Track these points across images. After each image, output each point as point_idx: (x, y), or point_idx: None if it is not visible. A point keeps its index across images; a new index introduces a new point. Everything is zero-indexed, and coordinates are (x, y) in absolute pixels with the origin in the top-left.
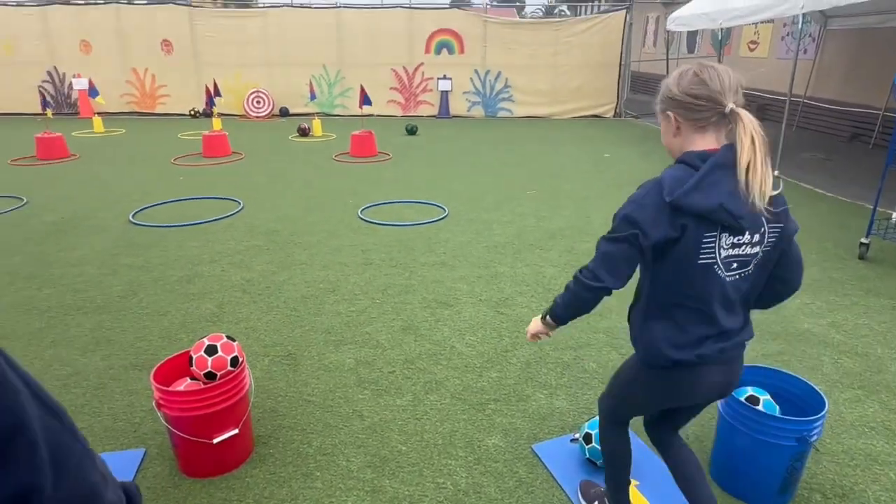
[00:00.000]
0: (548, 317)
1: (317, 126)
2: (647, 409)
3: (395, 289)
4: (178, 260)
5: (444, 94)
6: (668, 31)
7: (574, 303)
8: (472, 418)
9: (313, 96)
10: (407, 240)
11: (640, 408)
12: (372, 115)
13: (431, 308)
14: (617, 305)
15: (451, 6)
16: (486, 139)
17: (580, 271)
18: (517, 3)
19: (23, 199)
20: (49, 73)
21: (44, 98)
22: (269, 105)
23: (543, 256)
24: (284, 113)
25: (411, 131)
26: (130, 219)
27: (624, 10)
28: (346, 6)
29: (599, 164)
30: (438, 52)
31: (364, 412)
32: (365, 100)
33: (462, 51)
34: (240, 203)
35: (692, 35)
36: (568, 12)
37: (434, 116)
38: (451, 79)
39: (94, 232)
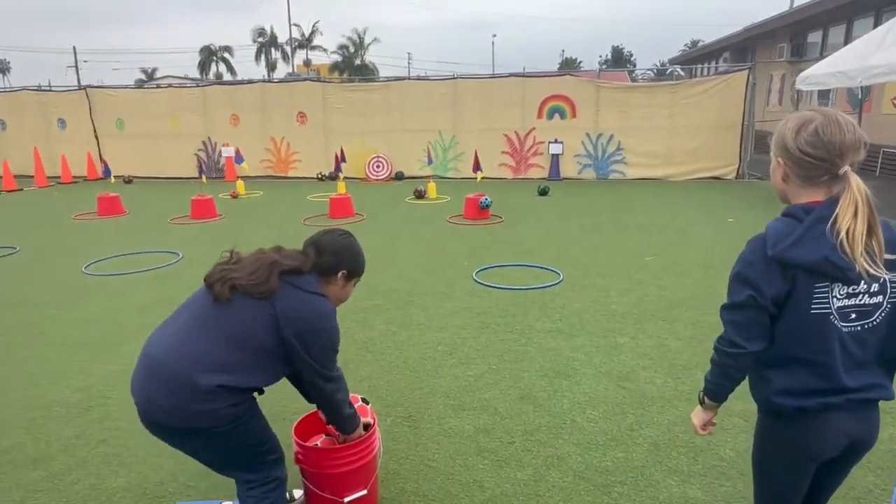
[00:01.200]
0: (704, 399)
1: (431, 189)
2: (789, 484)
3: (511, 355)
4: None
5: (555, 157)
6: (796, 90)
7: (722, 375)
8: (596, 501)
9: (430, 161)
10: (522, 304)
11: (784, 487)
12: (477, 178)
13: (549, 378)
14: None
15: (563, 73)
16: (599, 202)
17: (718, 340)
18: (627, 68)
19: (178, 254)
20: (204, 143)
21: (200, 164)
22: (387, 169)
23: (667, 328)
24: (400, 177)
25: (543, 192)
26: None
27: (747, 70)
28: (462, 76)
29: (723, 230)
30: (550, 116)
31: (485, 483)
32: (477, 167)
33: (574, 115)
34: None
35: (824, 92)
36: (682, 73)
37: (544, 179)
38: (562, 142)
39: None
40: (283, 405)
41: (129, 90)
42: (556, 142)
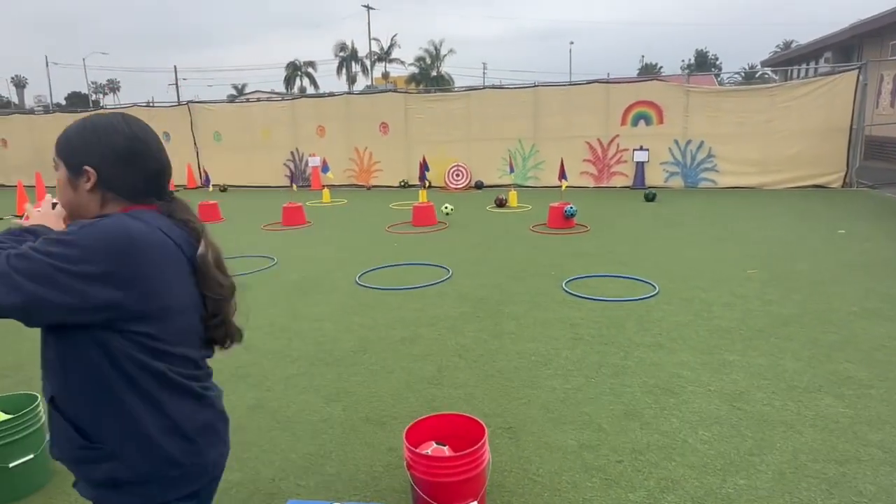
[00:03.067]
0: None
1: (513, 197)
2: None
3: (609, 368)
4: (399, 321)
5: (640, 165)
6: None
7: None
8: None
9: (512, 169)
10: (616, 317)
11: None
12: (563, 187)
13: (654, 394)
14: (891, 416)
15: (649, 78)
16: (690, 211)
17: None
18: (713, 72)
19: (273, 259)
20: (292, 153)
21: (292, 174)
22: (466, 178)
23: (781, 347)
24: (480, 185)
25: (650, 198)
26: (357, 280)
27: (856, 71)
28: (543, 84)
29: (833, 242)
30: (635, 123)
31: (594, 502)
32: (564, 175)
33: (661, 121)
34: (449, 271)
35: None
36: (775, 76)
37: (628, 187)
38: (647, 149)
39: (329, 291)
40: (382, 410)
41: (226, 104)
42: (641, 149)
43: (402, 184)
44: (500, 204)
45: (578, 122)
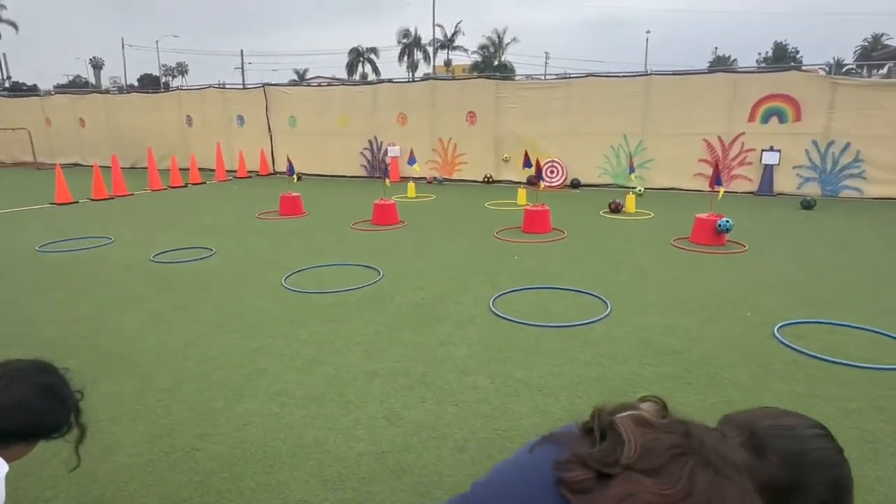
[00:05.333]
0: None
1: (630, 202)
2: None
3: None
4: (578, 380)
5: (769, 168)
6: None
7: None
8: None
9: (632, 169)
10: (861, 381)
11: None
12: (719, 194)
13: None
14: None
15: (787, 67)
16: (860, 224)
17: None
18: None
19: (379, 273)
20: (370, 142)
21: (369, 164)
22: (562, 175)
23: None
24: (576, 184)
25: (808, 205)
26: (491, 307)
27: None
28: (657, 73)
29: None
30: (766, 120)
31: None
32: (718, 180)
33: (798, 118)
34: (606, 304)
35: None
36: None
37: (752, 193)
38: (779, 150)
39: (462, 321)
40: None
41: (303, 88)
42: (771, 150)
43: (487, 179)
44: (616, 209)
45: (696, 117)
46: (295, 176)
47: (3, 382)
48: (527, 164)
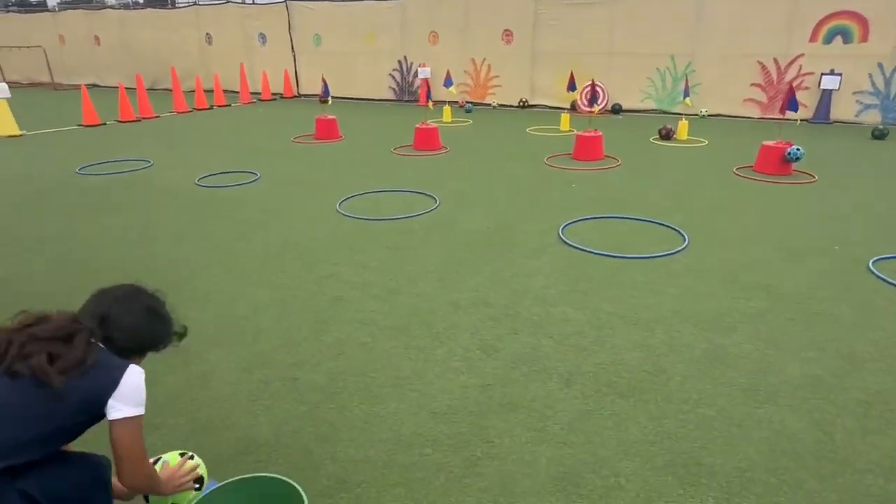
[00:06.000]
0: None
1: (683, 128)
2: None
3: None
4: (667, 313)
5: (827, 94)
6: None
7: None
8: None
9: (686, 93)
10: None
11: None
12: (797, 120)
13: None
14: None
15: None
16: None
17: None
18: None
19: (435, 200)
20: (399, 62)
21: (399, 87)
22: (603, 99)
23: None
24: (617, 109)
25: (880, 135)
26: (561, 236)
27: None
28: None
29: None
30: (829, 40)
31: None
32: (791, 103)
33: (864, 38)
34: (683, 236)
35: None
36: None
37: (805, 120)
38: (840, 74)
39: (532, 251)
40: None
41: (328, 3)
42: (831, 73)
43: (522, 103)
44: (667, 136)
45: (752, 37)
46: (330, 98)
47: (116, 305)
48: (571, 86)
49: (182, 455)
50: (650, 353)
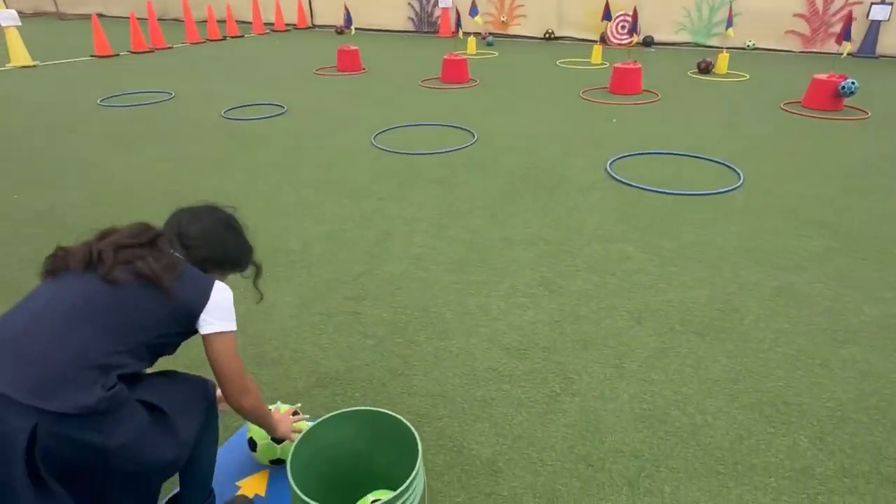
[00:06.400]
0: None
1: (723, 62)
2: None
3: None
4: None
5: (875, 25)
6: None
7: None
8: None
9: (730, 22)
10: None
11: None
12: (843, 50)
13: None
14: None
15: None
16: None
17: None
18: None
19: (473, 135)
20: None
21: (418, 17)
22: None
23: None
24: (649, 42)
25: None
26: (609, 171)
27: None
28: None
29: None
30: None
31: None
32: (847, 33)
33: None
34: (738, 174)
35: None
36: None
37: (851, 55)
38: (891, 3)
39: (581, 189)
40: None
41: None
42: (882, 2)
43: (548, 34)
44: (706, 69)
45: None
46: (353, 28)
47: (187, 216)
48: (606, 16)
49: (292, 406)
50: (719, 292)
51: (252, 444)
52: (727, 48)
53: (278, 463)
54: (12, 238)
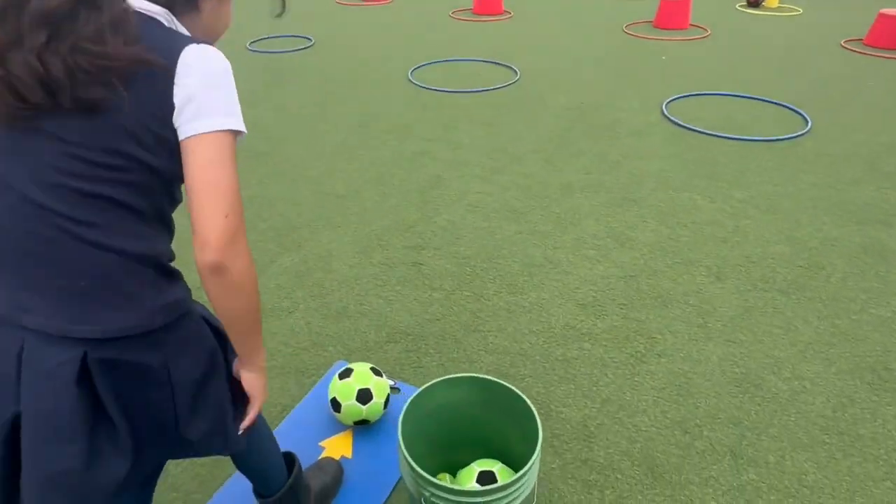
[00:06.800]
0: None
1: None
2: None
3: None
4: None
5: None
6: None
7: None
8: None
9: None
10: None
11: None
12: None
13: None
14: None
15: None
16: None
17: None
18: None
19: (516, 72)
20: None
21: None
22: None
23: None
24: None
25: None
26: (665, 112)
27: None
28: None
29: None
30: None
31: None
32: None
33: None
34: (805, 119)
35: None
36: None
37: None
38: None
39: (636, 132)
40: None
41: None
42: None
43: None
44: (755, 3)
45: None
46: None
47: None
48: None
49: (373, 370)
50: (800, 247)
51: (335, 404)
52: None
53: (363, 424)
54: None
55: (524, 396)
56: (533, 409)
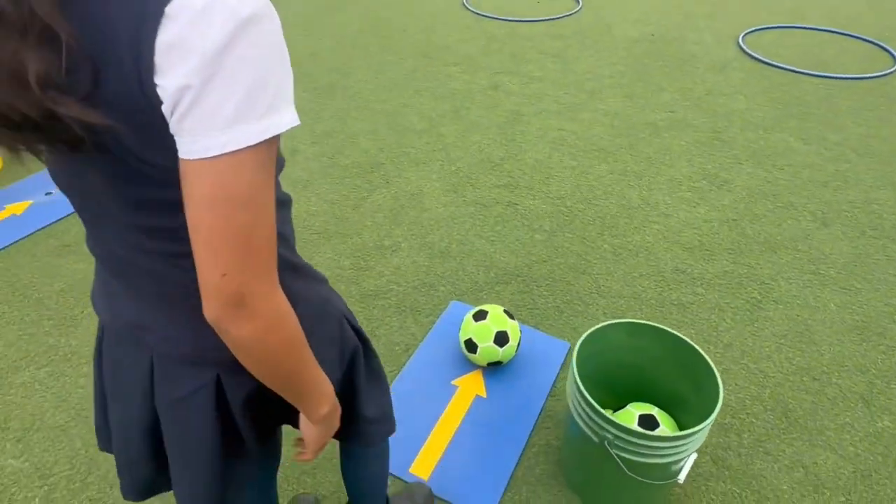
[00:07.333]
0: None
1: None
2: None
3: None
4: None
5: None
6: None
7: None
8: None
9: None
10: None
11: None
12: None
13: None
14: None
15: None
16: None
17: None
18: None
19: (579, 3)
20: None
21: None
22: None
23: None
24: None
25: None
26: (742, 44)
27: None
28: None
29: None
30: None
31: None
32: None
33: None
34: (893, 55)
35: None
36: None
37: None
38: None
39: (716, 67)
40: None
41: None
42: None
43: None
44: None
45: None
46: None
47: None
48: None
49: (506, 312)
50: None
51: (471, 345)
52: None
53: (496, 365)
54: None
55: (705, 355)
56: (714, 369)
